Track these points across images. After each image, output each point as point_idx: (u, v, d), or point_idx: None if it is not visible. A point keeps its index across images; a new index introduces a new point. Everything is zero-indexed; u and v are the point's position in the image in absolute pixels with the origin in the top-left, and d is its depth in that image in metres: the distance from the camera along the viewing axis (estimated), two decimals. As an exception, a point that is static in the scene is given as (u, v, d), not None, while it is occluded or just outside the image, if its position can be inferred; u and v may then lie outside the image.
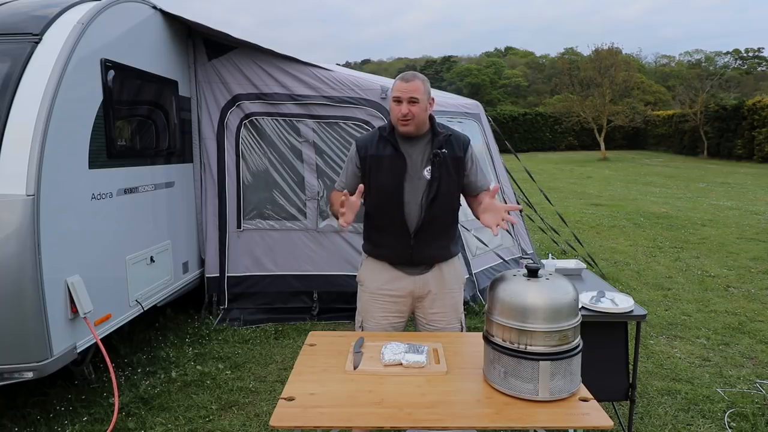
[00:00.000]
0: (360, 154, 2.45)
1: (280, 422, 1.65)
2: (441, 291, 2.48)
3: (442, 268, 2.49)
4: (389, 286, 2.46)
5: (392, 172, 2.39)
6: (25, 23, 3.14)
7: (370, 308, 2.50)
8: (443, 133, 2.43)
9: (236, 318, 4.74)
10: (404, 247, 2.40)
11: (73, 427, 3.09)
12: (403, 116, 2.33)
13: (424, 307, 2.50)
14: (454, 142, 2.45)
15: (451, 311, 2.51)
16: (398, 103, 2.35)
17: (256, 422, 3.15)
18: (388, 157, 2.40)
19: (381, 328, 2.48)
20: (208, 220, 4.80)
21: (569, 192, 14.67)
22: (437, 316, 2.50)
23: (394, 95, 2.36)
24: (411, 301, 2.50)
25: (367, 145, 2.45)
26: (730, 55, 60.46)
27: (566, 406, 1.70)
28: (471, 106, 6.34)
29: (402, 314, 2.52)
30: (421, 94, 2.34)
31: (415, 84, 2.34)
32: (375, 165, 2.41)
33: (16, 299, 2.74)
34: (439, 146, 2.40)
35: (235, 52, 4.71)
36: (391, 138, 2.42)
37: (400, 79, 2.39)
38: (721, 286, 5.91)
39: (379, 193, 2.42)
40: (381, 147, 2.42)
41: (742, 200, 12.72)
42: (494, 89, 56.69)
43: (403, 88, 2.34)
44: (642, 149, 34.51)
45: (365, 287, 2.53)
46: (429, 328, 2.51)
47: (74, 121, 3.14)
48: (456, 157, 2.43)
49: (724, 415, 3.19)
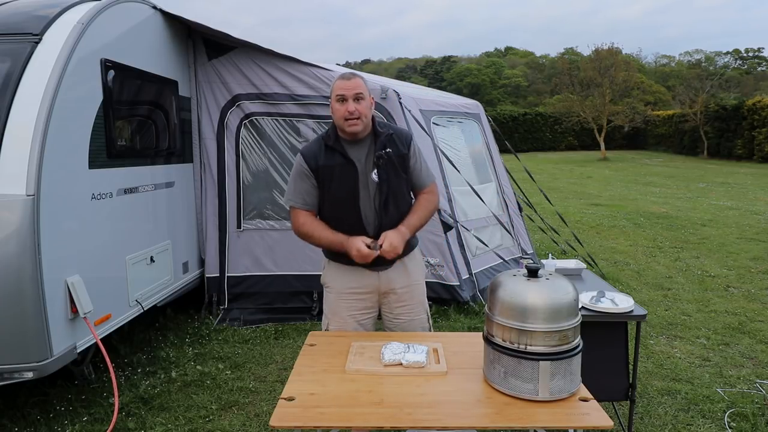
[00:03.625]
0: (311, 166, 2.37)
1: (280, 422, 1.65)
2: (407, 285, 2.48)
3: (405, 262, 2.48)
4: (354, 285, 2.44)
5: (345, 181, 2.35)
6: (25, 23, 3.15)
7: (336, 308, 2.48)
8: (384, 132, 2.40)
9: (236, 318, 4.74)
10: None
11: (73, 427, 3.09)
12: (350, 114, 2.28)
13: (390, 302, 2.48)
14: (397, 140, 2.41)
15: (416, 303, 2.51)
16: (342, 101, 2.29)
17: (256, 422, 3.15)
18: (339, 165, 2.35)
19: (349, 326, 2.45)
20: (208, 220, 4.80)
21: (569, 192, 14.67)
22: (403, 310, 2.49)
23: (337, 94, 2.30)
24: (377, 297, 2.48)
25: (315, 156, 2.37)
26: (730, 55, 60.52)
27: (566, 406, 1.70)
28: (471, 106, 6.34)
29: (369, 311, 2.49)
30: (365, 90, 2.31)
31: (356, 81, 2.30)
32: (327, 176, 2.36)
33: (16, 299, 2.74)
34: (383, 146, 2.36)
35: (235, 52, 4.71)
36: (337, 146, 2.36)
37: (341, 78, 2.34)
38: (721, 286, 5.91)
39: (335, 203, 2.39)
40: (329, 156, 2.36)
41: (742, 200, 12.72)
42: (494, 89, 56.72)
43: (346, 85, 2.29)
44: (642, 149, 34.49)
45: (331, 289, 2.51)
46: (396, 323, 2.50)
47: (74, 121, 3.14)
48: (401, 155, 2.40)
49: (724, 415, 3.19)
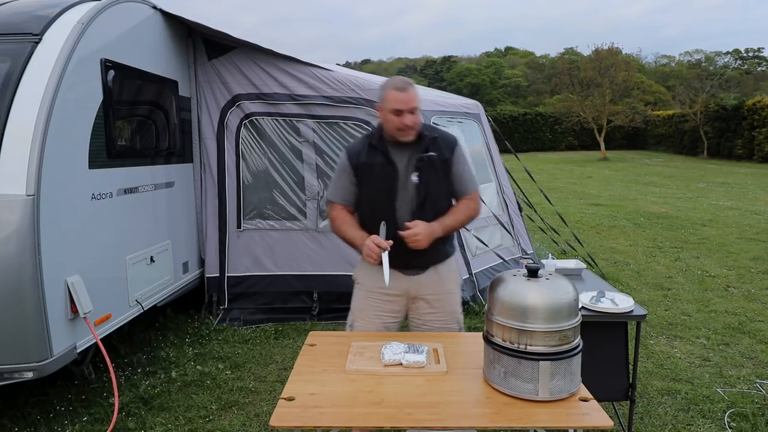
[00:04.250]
0: (352, 162, 2.41)
1: (280, 422, 1.65)
2: (438, 294, 2.46)
3: (438, 270, 2.47)
4: (384, 285, 2.43)
5: (383, 181, 2.37)
6: (25, 23, 3.14)
7: (364, 306, 2.48)
8: (429, 135, 2.40)
9: (236, 318, 4.74)
10: (399, 254, 2.34)
11: (73, 427, 3.09)
12: (405, 126, 2.29)
13: (420, 309, 2.46)
14: (442, 144, 2.41)
15: (448, 313, 2.48)
16: (398, 114, 2.29)
17: (256, 422, 3.15)
18: (379, 164, 2.37)
19: (373, 327, 2.44)
20: (208, 220, 4.80)
21: (569, 192, 14.67)
22: (433, 317, 2.47)
23: (394, 107, 2.28)
24: (406, 301, 2.47)
25: (358, 154, 2.41)
26: (730, 55, 60.51)
27: (566, 406, 1.70)
28: (471, 106, 6.33)
29: (396, 314, 2.48)
30: (418, 102, 2.32)
31: (411, 93, 2.30)
32: (366, 174, 2.39)
33: (16, 299, 2.74)
34: (425, 149, 2.37)
35: (235, 52, 4.71)
36: (380, 145, 2.39)
37: (395, 89, 2.30)
38: (721, 286, 5.91)
39: (372, 201, 2.40)
40: (371, 155, 2.39)
41: (742, 200, 12.72)
42: (494, 89, 56.73)
43: (402, 98, 2.28)
44: (642, 149, 34.50)
45: (361, 285, 2.51)
46: (424, 329, 2.48)
47: (74, 121, 3.14)
48: (444, 159, 2.40)
49: (724, 415, 3.19)
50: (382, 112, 2.36)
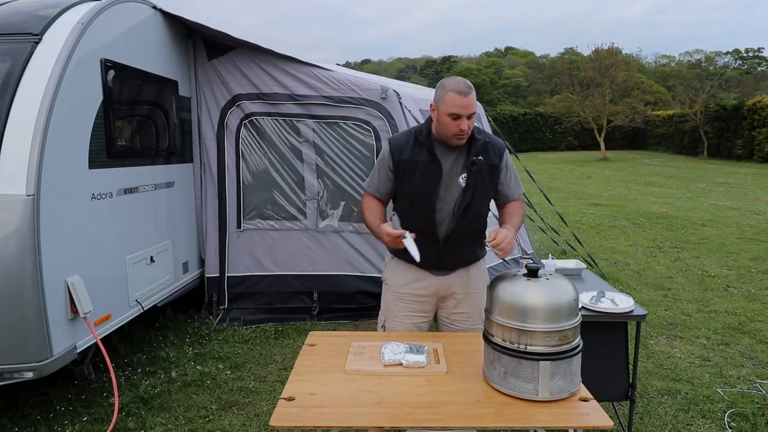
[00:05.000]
0: (394, 157, 2.35)
1: (280, 422, 1.65)
2: (466, 292, 2.46)
3: (469, 269, 2.47)
4: (414, 286, 2.43)
5: (426, 179, 2.30)
6: (25, 23, 3.14)
7: (393, 308, 2.47)
8: (480, 139, 2.33)
9: (236, 318, 4.74)
10: (432, 254, 2.32)
11: (73, 427, 3.09)
12: (462, 132, 2.22)
13: (448, 307, 2.47)
14: (491, 149, 2.36)
15: (475, 312, 2.47)
16: (456, 118, 2.20)
17: (256, 422, 3.15)
18: (423, 162, 2.30)
19: (405, 327, 2.44)
20: (208, 220, 4.80)
21: (569, 192, 14.67)
22: (461, 317, 2.47)
23: (453, 111, 2.18)
24: (435, 300, 2.47)
25: (401, 148, 2.35)
26: (730, 55, 60.53)
27: (566, 406, 1.70)
28: (471, 106, 6.32)
29: (426, 314, 2.48)
30: (476, 107, 2.25)
31: (472, 97, 2.20)
32: (409, 170, 2.32)
33: (16, 299, 2.74)
34: (477, 153, 2.31)
35: (235, 52, 4.71)
36: (427, 143, 2.31)
37: (457, 92, 2.19)
38: (721, 286, 5.91)
39: (411, 198, 2.36)
40: (416, 151, 2.32)
41: (742, 200, 12.72)
42: (494, 89, 56.70)
43: (463, 103, 2.18)
44: (642, 149, 34.51)
45: (390, 286, 2.49)
46: (452, 328, 2.48)
47: (74, 121, 3.14)
48: (491, 165, 2.36)
49: (724, 415, 3.19)
50: (438, 113, 2.26)
